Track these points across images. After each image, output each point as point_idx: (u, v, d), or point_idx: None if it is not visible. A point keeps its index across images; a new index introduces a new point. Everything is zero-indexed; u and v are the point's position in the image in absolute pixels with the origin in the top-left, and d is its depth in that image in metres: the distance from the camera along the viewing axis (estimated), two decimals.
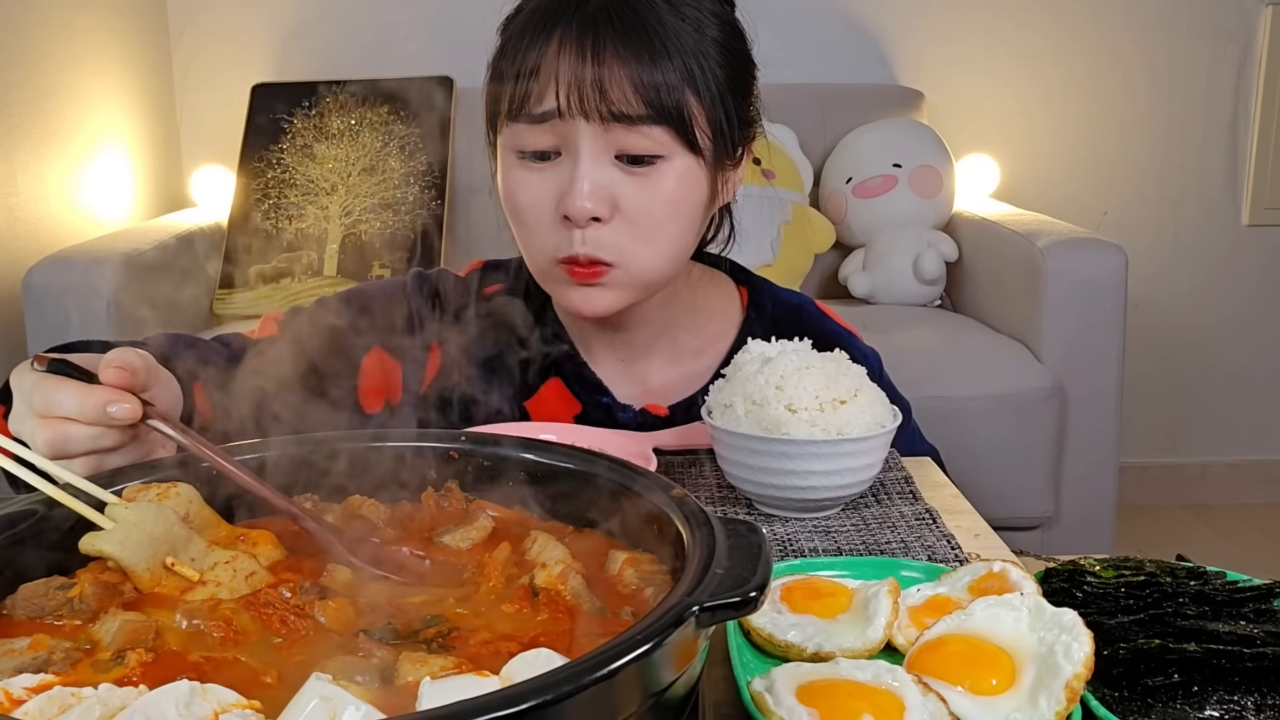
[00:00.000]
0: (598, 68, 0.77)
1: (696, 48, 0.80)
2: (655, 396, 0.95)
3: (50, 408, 0.62)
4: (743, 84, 0.85)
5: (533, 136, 0.81)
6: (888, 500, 0.82)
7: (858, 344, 1.00)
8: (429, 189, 2.19)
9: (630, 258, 0.83)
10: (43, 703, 0.41)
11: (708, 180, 0.84)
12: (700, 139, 0.81)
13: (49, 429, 0.63)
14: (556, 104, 0.78)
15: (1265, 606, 0.60)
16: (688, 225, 0.84)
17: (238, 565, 0.54)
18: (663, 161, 0.81)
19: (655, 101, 0.78)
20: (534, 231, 0.84)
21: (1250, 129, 2.55)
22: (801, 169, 2.30)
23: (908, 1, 2.50)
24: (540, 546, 0.57)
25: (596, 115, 0.78)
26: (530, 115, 0.80)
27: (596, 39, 0.77)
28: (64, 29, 2.07)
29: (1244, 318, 2.62)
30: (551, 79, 0.78)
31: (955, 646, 0.54)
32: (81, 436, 0.63)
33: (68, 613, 0.51)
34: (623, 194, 0.81)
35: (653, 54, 0.78)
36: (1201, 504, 2.61)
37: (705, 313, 0.97)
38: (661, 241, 0.83)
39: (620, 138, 0.79)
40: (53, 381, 0.63)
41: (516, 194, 0.83)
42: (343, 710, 0.40)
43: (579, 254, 0.81)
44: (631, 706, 0.40)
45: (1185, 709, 0.52)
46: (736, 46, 0.85)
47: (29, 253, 1.86)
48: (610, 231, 0.81)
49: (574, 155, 0.80)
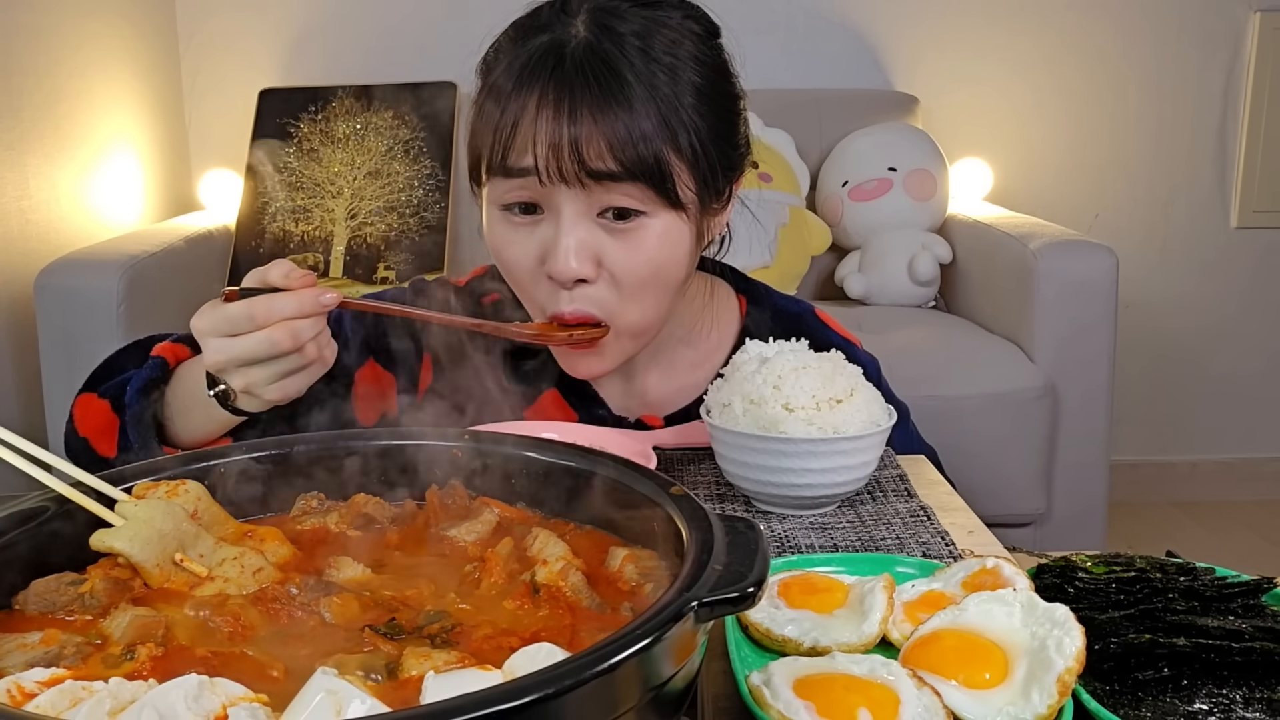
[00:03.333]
0: (574, 128, 0.76)
1: (673, 97, 0.78)
2: (652, 409, 0.95)
3: (273, 314, 0.73)
4: (726, 127, 0.84)
5: (514, 191, 0.80)
6: (883, 497, 0.83)
7: (857, 352, 0.99)
8: (433, 192, 2.21)
9: (618, 316, 0.82)
10: (54, 696, 0.42)
11: (691, 233, 0.82)
12: (682, 192, 0.79)
13: (280, 330, 0.73)
14: (535, 165, 0.77)
15: (1253, 602, 0.60)
16: (673, 278, 0.83)
17: (245, 561, 0.55)
18: (644, 218, 0.79)
19: (632, 158, 0.76)
20: (523, 287, 0.85)
21: (1239, 133, 2.57)
22: (798, 172, 2.31)
23: (903, 8, 2.51)
24: (541, 543, 0.57)
25: (575, 179, 0.77)
26: (509, 170, 0.79)
27: (573, 99, 0.76)
28: (75, 35, 2.08)
29: (1233, 319, 2.63)
30: (530, 139, 0.77)
31: (949, 641, 0.54)
32: (307, 326, 0.74)
33: (79, 608, 0.52)
34: (606, 253, 0.80)
35: (628, 110, 0.76)
36: (1191, 501, 2.62)
37: (703, 327, 0.96)
38: (648, 298, 0.82)
39: (601, 196, 0.78)
40: (265, 296, 0.74)
41: (502, 250, 0.83)
42: (348, 703, 0.40)
43: (566, 314, 0.81)
44: (631, 700, 0.41)
45: (1175, 702, 0.53)
46: (720, 88, 0.83)
47: (40, 255, 1.88)
48: (596, 290, 0.81)
49: (556, 216, 0.79)
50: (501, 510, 0.63)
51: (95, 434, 0.85)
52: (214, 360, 0.75)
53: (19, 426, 0.54)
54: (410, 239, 2.18)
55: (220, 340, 0.74)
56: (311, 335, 0.74)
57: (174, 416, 0.83)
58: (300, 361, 0.75)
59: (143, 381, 0.82)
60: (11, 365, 1.87)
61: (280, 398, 0.77)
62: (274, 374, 0.75)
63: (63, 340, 1.74)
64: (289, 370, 0.75)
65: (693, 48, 0.81)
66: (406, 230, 2.18)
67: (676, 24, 0.81)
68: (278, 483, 0.63)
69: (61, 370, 1.75)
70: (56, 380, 1.76)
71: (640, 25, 0.79)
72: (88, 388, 0.88)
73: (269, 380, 0.75)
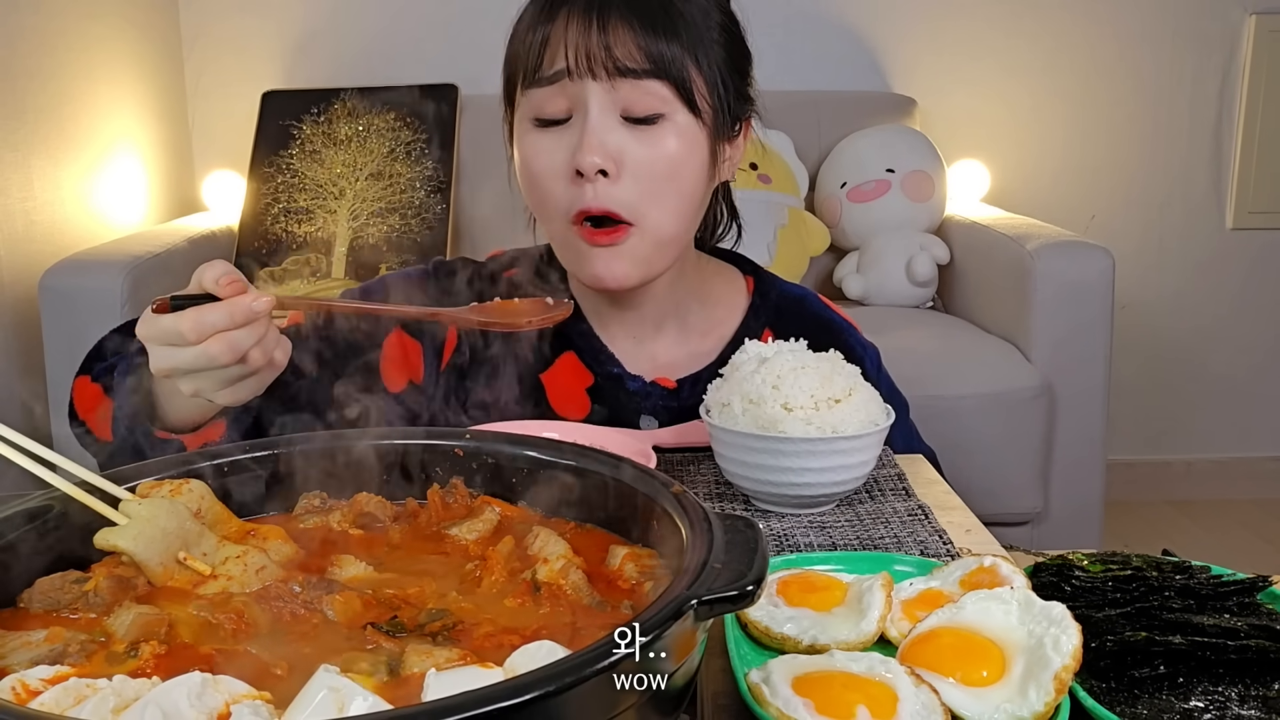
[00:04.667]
0: (603, 33, 0.83)
1: (701, 22, 0.85)
2: (664, 371, 0.98)
3: (204, 329, 0.70)
4: (740, 66, 0.91)
5: (546, 100, 0.86)
6: (881, 496, 0.83)
7: (858, 336, 1.03)
8: (434, 193, 2.22)
9: (641, 216, 0.86)
10: (59, 694, 0.42)
11: (707, 144, 0.88)
12: (700, 101, 0.86)
13: (216, 344, 0.70)
14: (566, 64, 0.84)
15: (1248, 600, 0.61)
16: (691, 185, 0.88)
17: (248, 560, 0.55)
18: (665, 120, 0.85)
19: (658, 59, 0.83)
20: (549, 193, 0.88)
21: (1234, 135, 2.58)
22: (797, 174, 2.32)
23: (901, 11, 2.52)
24: (542, 542, 0.58)
25: (603, 72, 0.83)
26: (542, 78, 0.85)
27: (603, 10, 0.83)
28: (79, 38, 2.09)
29: (1228, 319, 2.64)
30: (561, 44, 0.84)
31: (947, 639, 0.55)
32: (243, 336, 0.70)
33: (83, 606, 0.52)
34: (628, 150, 0.85)
35: (655, 22, 0.83)
36: (1186, 500, 2.63)
37: (712, 299, 1.01)
38: (668, 198, 0.87)
39: (625, 96, 0.84)
40: (192, 310, 0.70)
41: (532, 160, 0.88)
42: (351, 701, 0.41)
43: (591, 206, 0.85)
44: (632, 697, 0.41)
45: (1171, 700, 0.53)
46: (737, 35, 0.90)
47: (45, 256, 1.88)
48: (620, 188, 0.85)
49: (583, 114, 0.85)
50: (502, 509, 0.63)
51: (93, 417, 0.86)
52: (158, 368, 0.72)
53: (23, 426, 0.54)
54: (412, 240, 2.19)
55: (161, 349, 0.72)
56: (251, 343, 0.71)
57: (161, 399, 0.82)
58: (244, 371, 0.72)
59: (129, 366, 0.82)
60: (16, 365, 1.88)
61: (233, 401, 0.75)
62: (219, 382, 0.72)
63: (67, 340, 1.74)
64: (235, 378, 0.72)
65: None
66: (408, 231, 2.20)
67: None
68: (280, 482, 0.63)
69: (66, 370, 1.74)
70: (61, 380, 1.76)
71: None
72: (84, 369, 0.88)
73: (217, 387, 0.72)
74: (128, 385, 0.81)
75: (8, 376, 1.86)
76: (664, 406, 0.97)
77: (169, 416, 0.83)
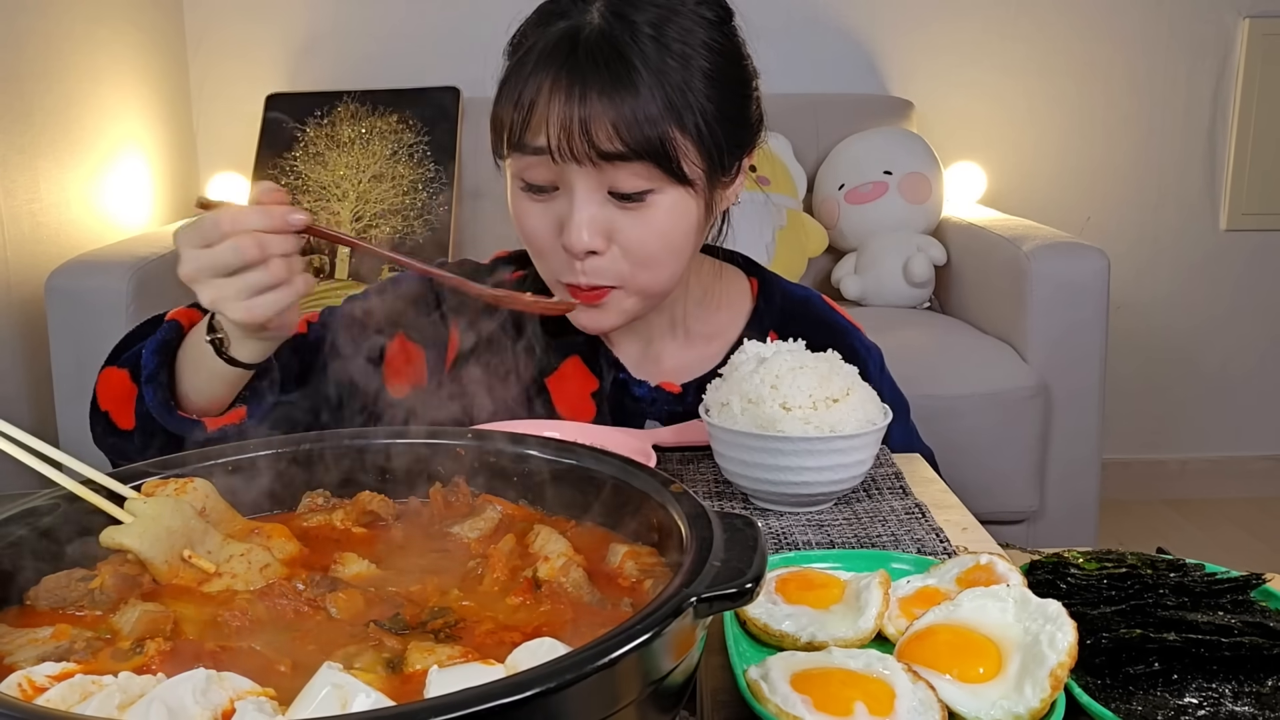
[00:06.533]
0: (584, 110, 0.80)
1: (682, 82, 0.82)
2: (669, 376, 0.99)
3: (239, 224, 0.73)
4: (736, 108, 0.87)
5: (531, 167, 0.85)
6: (879, 495, 0.83)
7: (862, 338, 1.03)
8: (437, 195, 2.23)
9: (629, 281, 0.87)
10: (65, 690, 0.42)
11: (699, 206, 0.86)
12: (688, 169, 0.83)
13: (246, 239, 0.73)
14: (548, 144, 0.82)
15: (1242, 597, 0.61)
16: (682, 248, 0.88)
17: (252, 558, 0.55)
18: (653, 195, 0.84)
19: (638, 138, 0.80)
20: (541, 256, 0.90)
21: (1228, 137, 2.59)
22: (796, 176, 2.33)
23: (899, 15, 2.53)
24: (543, 540, 0.58)
25: (586, 158, 0.81)
26: (526, 148, 0.84)
27: (584, 83, 0.80)
28: (85, 42, 2.10)
29: (1222, 319, 2.65)
30: (544, 119, 0.82)
31: (944, 636, 0.55)
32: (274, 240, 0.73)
33: (89, 603, 0.52)
34: (617, 228, 0.84)
35: (634, 93, 0.80)
36: (1181, 499, 2.64)
37: (715, 303, 1.01)
38: (658, 267, 0.87)
39: (610, 175, 0.82)
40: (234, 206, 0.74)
41: (523, 221, 0.88)
42: (354, 697, 0.41)
43: (581, 284, 0.87)
44: (632, 694, 0.42)
45: (1165, 696, 0.54)
46: (730, 73, 0.87)
47: (51, 257, 1.89)
48: (608, 261, 0.86)
49: (569, 192, 0.84)
50: (504, 508, 0.63)
51: (115, 405, 0.86)
52: (185, 271, 0.75)
53: (30, 425, 0.54)
54: (414, 241, 2.20)
55: (192, 250, 0.74)
56: (279, 251, 0.74)
57: (184, 377, 0.84)
58: (267, 278, 0.74)
59: (157, 343, 0.84)
60: (23, 365, 1.89)
61: (247, 318, 0.75)
62: (241, 289, 0.74)
63: (73, 341, 1.75)
64: (256, 287, 0.74)
65: (704, 35, 0.85)
66: (411, 233, 2.21)
67: (690, 11, 0.85)
68: (284, 480, 0.63)
69: (71, 370, 1.76)
70: (67, 380, 1.77)
71: (654, 14, 0.83)
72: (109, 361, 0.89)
73: (236, 296, 0.74)
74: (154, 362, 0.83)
75: (14, 376, 1.87)
76: (669, 411, 0.97)
77: (191, 397, 0.84)
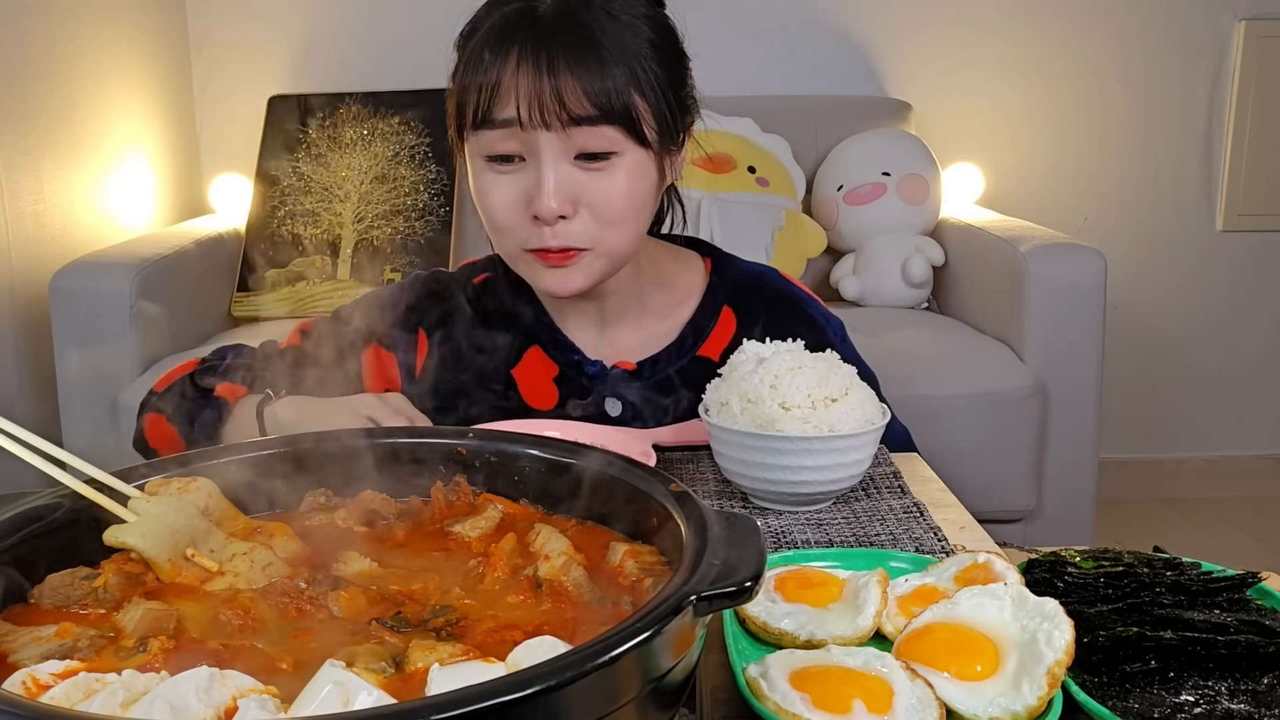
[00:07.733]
0: (554, 79, 0.84)
1: (636, 50, 0.87)
2: (625, 355, 1.02)
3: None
4: (678, 78, 0.92)
5: (497, 142, 0.88)
6: (877, 494, 0.84)
7: (820, 307, 1.05)
8: (438, 196, 2.24)
9: (599, 243, 0.90)
10: (68, 688, 0.43)
11: (656, 168, 0.91)
12: (648, 133, 0.88)
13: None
14: (517, 115, 0.85)
15: (1238, 596, 0.61)
16: (643, 208, 0.91)
17: (255, 556, 0.56)
18: (616, 157, 0.87)
19: (606, 104, 0.85)
20: (506, 229, 0.91)
21: (1224, 138, 2.60)
22: (794, 177, 2.34)
23: (897, 17, 2.53)
24: (543, 539, 0.58)
25: (557, 123, 0.85)
26: (493, 122, 0.87)
27: (550, 54, 0.84)
28: (89, 44, 2.10)
29: (1218, 320, 2.66)
30: (512, 91, 0.85)
31: (942, 634, 0.55)
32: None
33: (92, 602, 0.52)
34: (584, 190, 0.88)
35: (601, 62, 0.85)
36: (1177, 498, 2.65)
37: (669, 283, 1.03)
38: (624, 225, 0.90)
39: (578, 139, 0.86)
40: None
41: (488, 196, 0.90)
42: (355, 695, 0.41)
43: (550, 246, 0.89)
44: (632, 691, 0.42)
45: (1162, 694, 0.54)
46: (669, 44, 0.92)
47: (55, 257, 1.90)
48: (578, 224, 0.88)
49: (537, 160, 0.87)
50: (505, 507, 0.63)
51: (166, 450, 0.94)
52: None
53: (34, 424, 0.54)
54: (416, 242, 2.21)
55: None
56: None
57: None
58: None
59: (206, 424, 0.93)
60: (27, 365, 1.89)
61: None
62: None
63: (76, 341, 1.76)
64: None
65: (644, 9, 0.91)
66: (413, 234, 2.22)
67: None
68: (286, 480, 0.64)
69: (75, 371, 1.77)
70: (70, 380, 1.78)
71: None
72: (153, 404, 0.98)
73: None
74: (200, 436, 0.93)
75: (18, 376, 1.88)
76: (625, 388, 1.00)
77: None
